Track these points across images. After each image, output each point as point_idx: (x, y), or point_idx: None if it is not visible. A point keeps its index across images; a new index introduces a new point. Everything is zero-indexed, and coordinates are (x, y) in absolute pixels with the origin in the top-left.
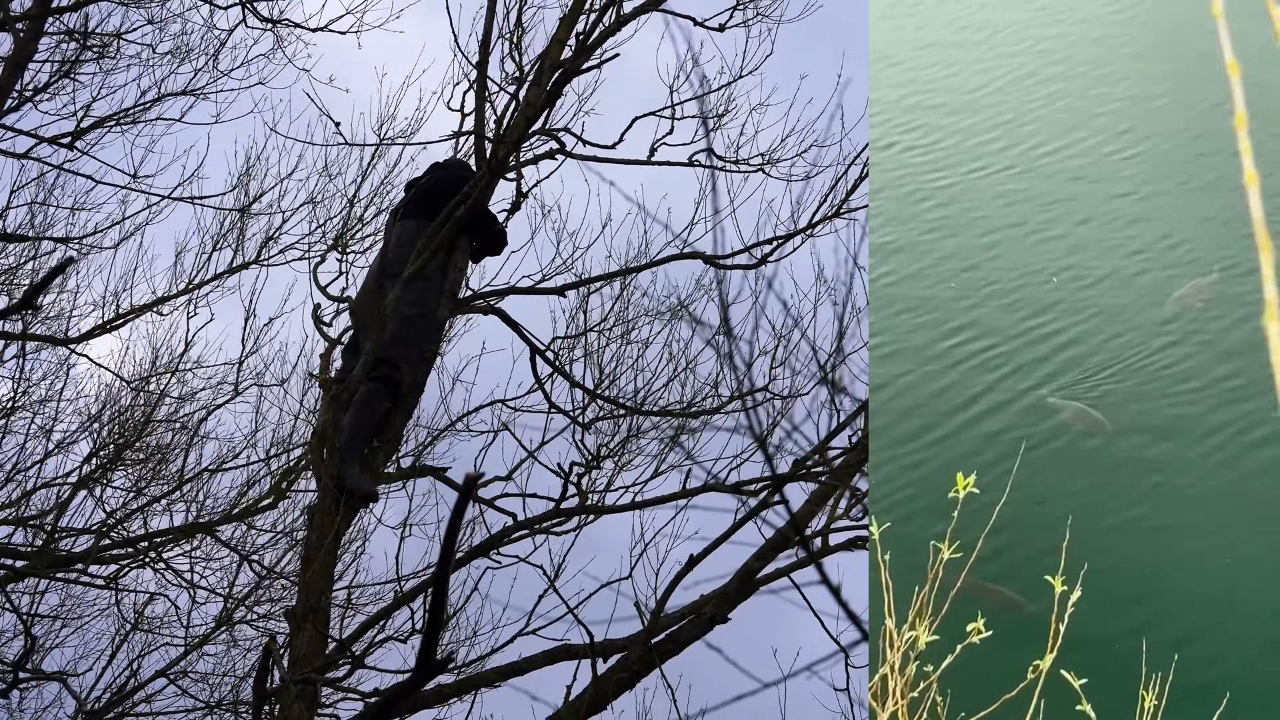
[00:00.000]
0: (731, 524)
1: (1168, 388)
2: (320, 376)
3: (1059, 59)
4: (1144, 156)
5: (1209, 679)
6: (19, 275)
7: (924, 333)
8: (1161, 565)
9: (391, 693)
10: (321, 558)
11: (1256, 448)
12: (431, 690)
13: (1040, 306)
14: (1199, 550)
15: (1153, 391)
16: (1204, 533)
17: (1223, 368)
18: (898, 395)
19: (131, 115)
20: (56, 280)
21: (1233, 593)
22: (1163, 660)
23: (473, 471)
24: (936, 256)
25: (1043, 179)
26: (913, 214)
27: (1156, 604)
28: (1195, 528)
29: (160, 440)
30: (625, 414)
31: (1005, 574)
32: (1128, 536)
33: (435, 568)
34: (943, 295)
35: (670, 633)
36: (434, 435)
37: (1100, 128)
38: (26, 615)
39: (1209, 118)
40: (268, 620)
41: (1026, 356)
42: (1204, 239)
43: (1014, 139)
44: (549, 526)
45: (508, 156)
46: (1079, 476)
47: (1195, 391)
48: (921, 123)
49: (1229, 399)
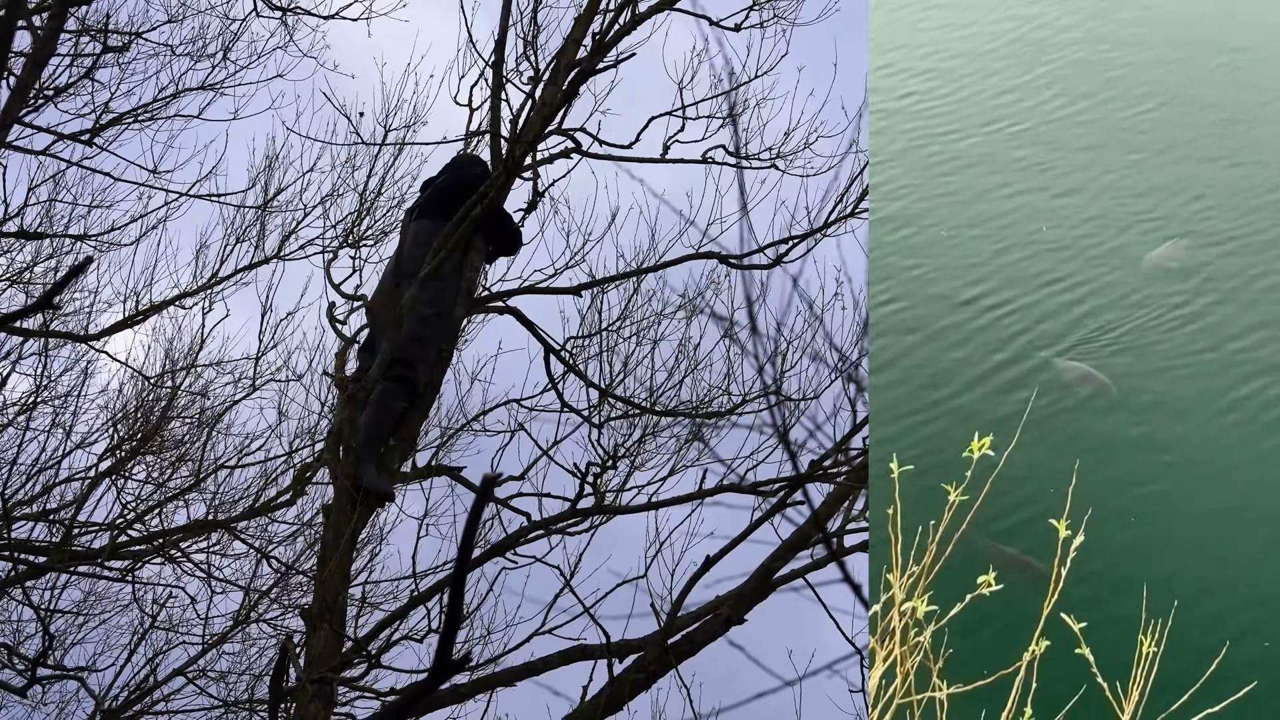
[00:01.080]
0: (749, 524)
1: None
2: (336, 375)
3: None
4: (1160, 118)
5: (1208, 626)
6: (39, 273)
7: (935, 298)
8: (1167, 519)
9: (409, 693)
10: (337, 557)
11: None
12: (448, 690)
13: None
14: (1207, 510)
15: (1168, 351)
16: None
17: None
18: (902, 357)
19: (150, 111)
20: (76, 279)
21: (1235, 547)
22: (1162, 608)
23: (490, 472)
24: (949, 218)
25: (1060, 141)
26: (923, 164)
27: (1158, 553)
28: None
29: (178, 436)
30: (639, 413)
31: (1012, 533)
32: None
33: (452, 568)
34: (952, 257)
35: (686, 633)
36: (450, 435)
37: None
38: (45, 611)
39: (1221, 82)
40: (285, 619)
41: (1035, 319)
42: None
43: (1030, 96)
44: (565, 526)
45: (524, 156)
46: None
47: (1213, 360)
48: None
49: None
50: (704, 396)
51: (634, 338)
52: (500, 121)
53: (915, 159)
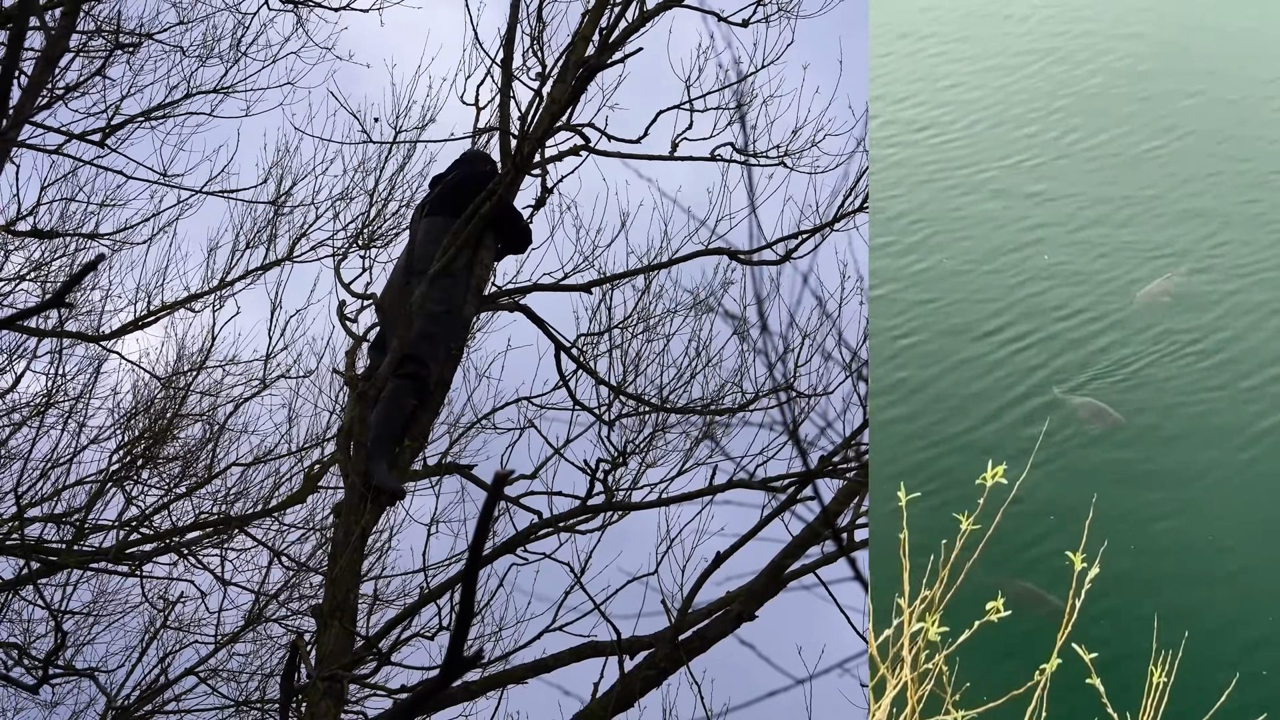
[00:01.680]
0: (758, 520)
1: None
2: (346, 374)
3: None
4: (1178, 152)
5: (1220, 659)
6: (51, 272)
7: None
8: (1180, 552)
9: (421, 690)
10: (348, 555)
11: None
12: (458, 687)
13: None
14: (1222, 545)
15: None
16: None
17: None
18: (918, 391)
19: (162, 111)
20: (88, 277)
21: (1248, 581)
22: (1174, 639)
23: (501, 470)
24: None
25: (1078, 174)
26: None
27: (1171, 586)
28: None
29: (188, 435)
30: (649, 410)
31: (1030, 567)
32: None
33: (464, 566)
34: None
35: (697, 630)
36: (460, 432)
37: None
38: (57, 610)
39: (1246, 110)
40: (296, 617)
41: (1052, 353)
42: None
43: (1049, 130)
44: (575, 524)
45: (532, 153)
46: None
47: (1227, 395)
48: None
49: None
50: (714, 394)
51: (644, 335)
52: (509, 119)
53: (929, 192)
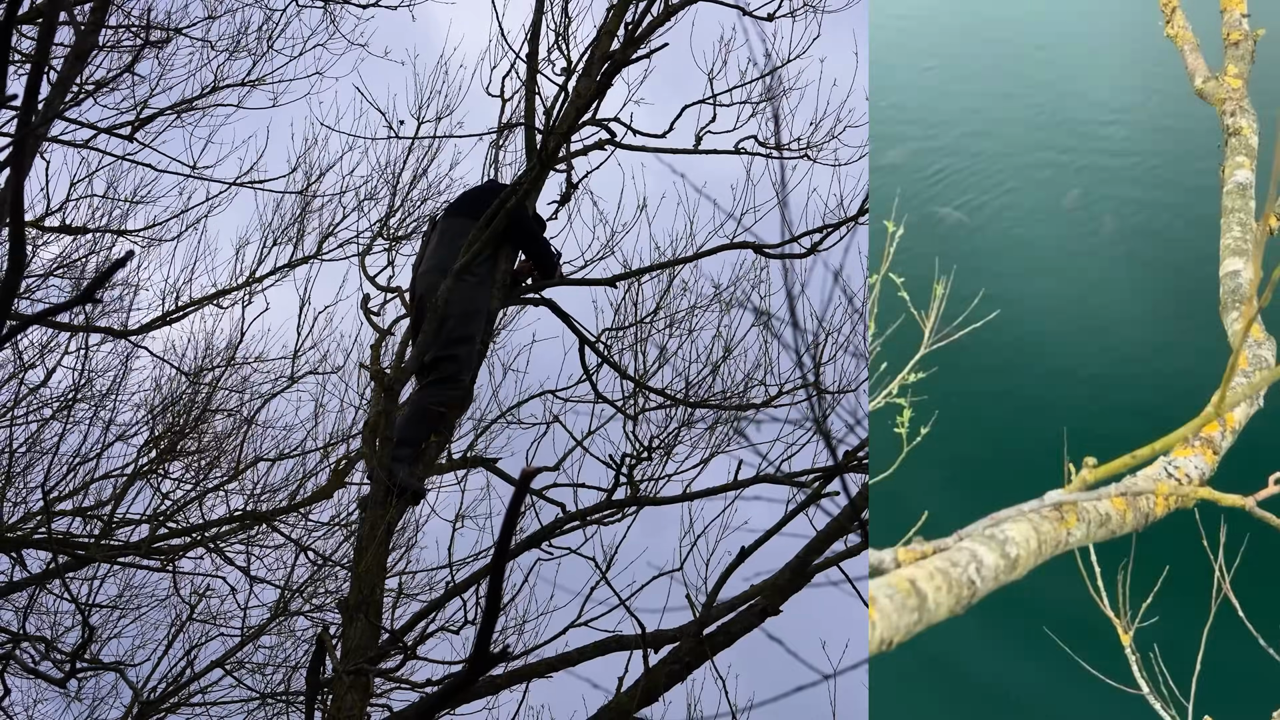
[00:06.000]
0: (784, 515)
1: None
2: (372, 368)
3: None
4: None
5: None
6: (81, 268)
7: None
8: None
9: (448, 685)
10: (373, 549)
11: None
12: (483, 681)
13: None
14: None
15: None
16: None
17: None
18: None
19: (190, 104)
20: (117, 274)
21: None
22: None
23: (529, 466)
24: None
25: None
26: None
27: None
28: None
29: (216, 430)
30: (673, 405)
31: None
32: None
33: (490, 561)
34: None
35: (722, 624)
36: (484, 426)
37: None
38: (84, 604)
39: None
40: (322, 611)
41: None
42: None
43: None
44: (600, 518)
45: (558, 148)
46: None
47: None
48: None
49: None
50: (740, 388)
51: (669, 329)
52: (534, 113)
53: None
